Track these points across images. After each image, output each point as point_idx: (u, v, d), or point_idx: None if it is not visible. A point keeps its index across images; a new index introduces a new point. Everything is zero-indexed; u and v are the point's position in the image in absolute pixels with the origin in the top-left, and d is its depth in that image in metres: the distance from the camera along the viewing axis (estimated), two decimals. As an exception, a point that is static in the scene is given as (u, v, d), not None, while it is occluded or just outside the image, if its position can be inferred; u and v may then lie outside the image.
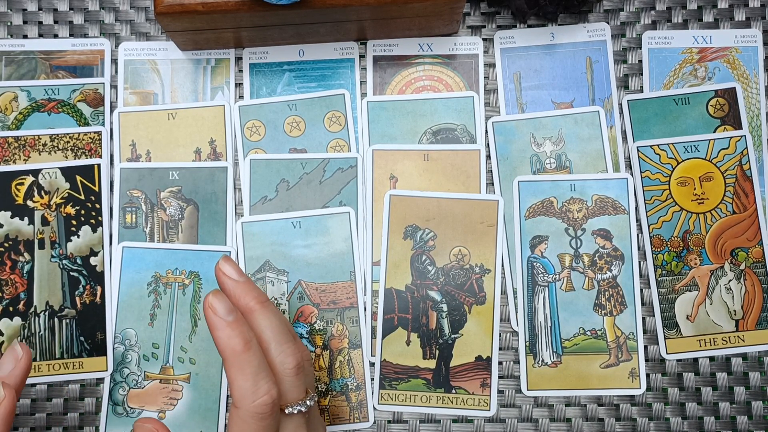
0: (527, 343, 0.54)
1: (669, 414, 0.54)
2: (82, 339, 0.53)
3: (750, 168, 0.55)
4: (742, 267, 0.54)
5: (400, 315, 0.54)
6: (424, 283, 0.54)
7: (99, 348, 0.53)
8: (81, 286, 0.54)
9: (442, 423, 0.53)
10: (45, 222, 0.54)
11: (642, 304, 0.54)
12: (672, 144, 0.55)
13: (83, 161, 0.55)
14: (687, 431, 0.53)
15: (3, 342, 0.53)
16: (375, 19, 0.53)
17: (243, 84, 0.57)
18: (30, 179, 0.55)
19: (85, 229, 0.54)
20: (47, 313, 0.53)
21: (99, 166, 0.55)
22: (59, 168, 0.55)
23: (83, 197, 0.55)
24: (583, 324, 0.54)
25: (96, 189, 0.55)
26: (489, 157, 0.56)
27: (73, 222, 0.54)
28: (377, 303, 0.54)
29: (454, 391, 0.53)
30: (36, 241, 0.54)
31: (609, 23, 0.57)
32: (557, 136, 0.56)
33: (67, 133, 0.55)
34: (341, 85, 0.57)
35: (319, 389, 0.53)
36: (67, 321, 0.53)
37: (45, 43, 0.57)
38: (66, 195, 0.55)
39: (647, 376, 0.54)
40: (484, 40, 0.57)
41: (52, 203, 0.54)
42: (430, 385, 0.53)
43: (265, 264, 0.54)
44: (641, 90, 0.57)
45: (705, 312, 0.54)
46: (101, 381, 0.54)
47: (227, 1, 0.49)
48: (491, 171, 0.56)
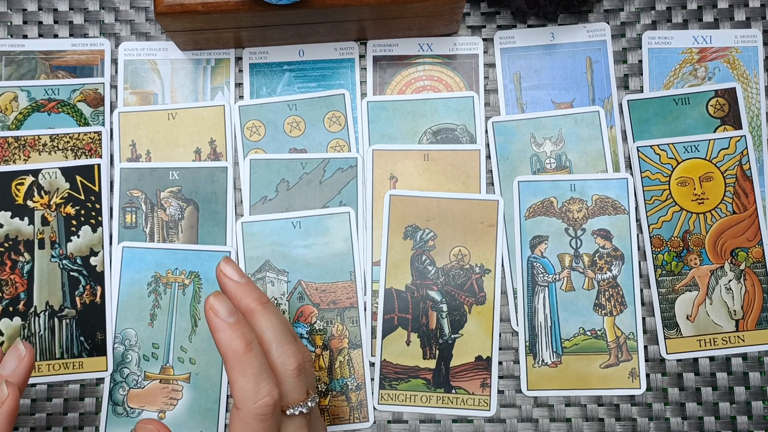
0: (527, 343, 0.54)
1: (669, 414, 0.54)
2: (82, 339, 0.53)
3: (750, 168, 0.55)
4: (742, 267, 0.54)
5: (400, 315, 0.54)
6: (424, 283, 0.54)
7: (99, 348, 0.53)
8: (81, 286, 0.54)
9: (442, 423, 0.53)
10: (45, 222, 0.54)
11: (642, 304, 0.54)
12: (672, 144, 0.55)
13: (83, 161, 0.55)
14: (687, 431, 0.54)
15: (3, 342, 0.53)
16: (375, 19, 0.53)
17: (243, 84, 0.57)
18: (30, 179, 0.55)
19: (85, 229, 0.54)
20: (47, 313, 0.53)
21: (99, 166, 0.55)
22: (59, 168, 0.55)
23: (83, 197, 0.55)
24: (583, 324, 0.54)
25: (96, 189, 0.55)
26: (489, 157, 0.56)
27: (73, 222, 0.54)
28: (377, 303, 0.54)
29: (454, 391, 0.53)
30: (36, 241, 0.54)
31: (609, 23, 0.57)
32: (557, 136, 0.56)
33: (67, 133, 0.55)
34: (341, 85, 0.57)
35: (319, 389, 0.53)
36: (67, 321, 0.53)
37: (45, 43, 0.57)
38: (66, 195, 0.55)
39: (647, 376, 0.54)
40: (484, 40, 0.57)
41: (52, 203, 0.54)
42: (430, 385, 0.53)
43: (265, 264, 0.54)
44: (641, 90, 0.57)
45: (705, 312, 0.54)
46: (101, 381, 0.54)
47: (227, 1, 0.49)
48: (491, 171, 0.56)
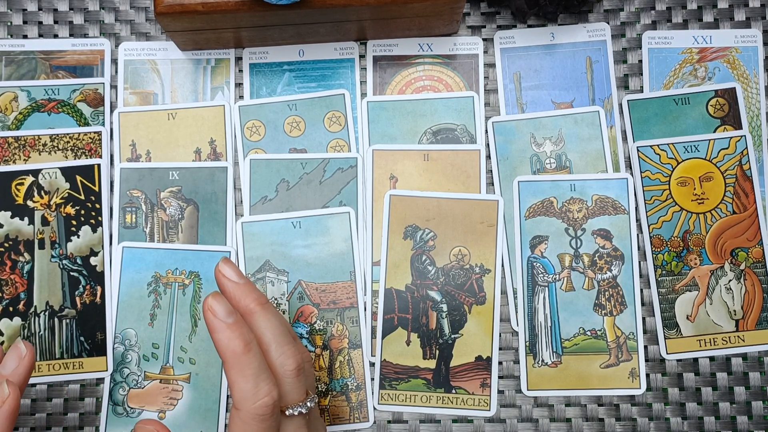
0: (527, 343, 0.54)
1: (669, 414, 0.54)
2: (82, 339, 0.53)
3: (750, 168, 0.55)
4: (742, 267, 0.54)
5: (400, 315, 0.54)
6: (424, 283, 0.54)
7: (99, 348, 0.53)
8: (81, 286, 0.54)
9: (442, 423, 0.53)
10: (45, 222, 0.54)
11: (642, 304, 0.54)
12: (672, 144, 0.55)
13: (83, 161, 0.55)
14: (687, 431, 0.53)
15: (3, 342, 0.53)
16: (375, 19, 0.53)
17: (243, 84, 0.57)
18: (30, 179, 0.55)
19: (85, 229, 0.54)
20: (47, 313, 0.53)
21: (99, 166, 0.55)
22: (59, 168, 0.55)
23: (83, 197, 0.55)
24: (583, 324, 0.54)
25: (96, 189, 0.55)
26: (489, 157, 0.56)
27: (73, 222, 0.54)
28: (377, 303, 0.54)
29: (454, 391, 0.53)
30: (36, 241, 0.54)
31: (609, 23, 0.57)
32: (557, 136, 0.56)
33: (67, 133, 0.55)
34: (341, 85, 0.57)
35: (319, 389, 0.53)
36: (67, 321, 0.53)
37: (45, 43, 0.57)
38: (66, 195, 0.55)
39: (647, 376, 0.54)
40: (484, 40, 0.57)
41: (52, 203, 0.54)
42: (430, 385, 0.53)
43: (265, 264, 0.54)
44: (641, 90, 0.57)
45: (705, 312, 0.54)
46: (101, 381, 0.54)
47: (227, 1, 0.49)
48: (491, 171, 0.56)
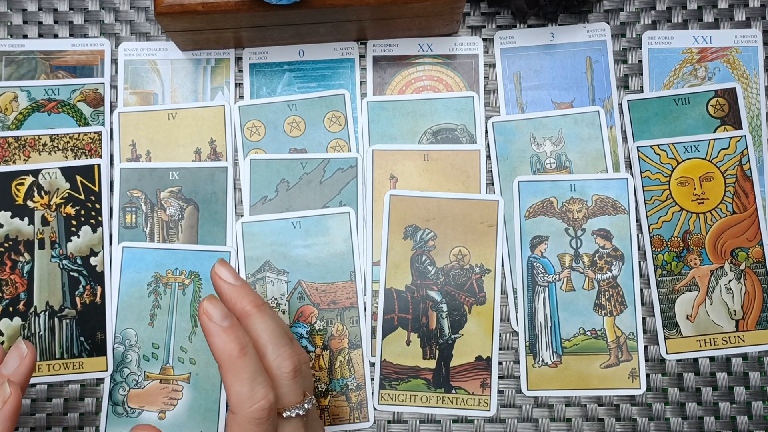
0: (527, 343, 0.54)
1: (669, 414, 0.54)
2: (82, 339, 0.53)
3: (750, 168, 0.55)
4: (742, 267, 0.54)
5: (400, 315, 0.54)
6: (424, 283, 0.54)
7: (99, 348, 0.53)
8: (81, 286, 0.54)
9: (442, 423, 0.53)
10: (45, 222, 0.54)
11: (642, 304, 0.54)
12: (672, 144, 0.55)
13: (83, 161, 0.55)
14: (687, 431, 0.53)
15: (3, 342, 0.53)
16: (375, 19, 0.53)
17: (243, 84, 0.57)
18: (30, 179, 0.55)
19: (85, 229, 0.54)
20: (47, 313, 0.53)
21: (99, 166, 0.55)
22: (59, 168, 0.55)
23: (83, 197, 0.55)
24: (583, 324, 0.54)
25: (96, 189, 0.55)
26: (489, 157, 0.56)
27: (73, 222, 0.54)
28: (377, 303, 0.54)
29: (454, 391, 0.53)
30: (36, 241, 0.54)
31: (609, 23, 0.57)
32: (557, 136, 0.56)
33: (67, 133, 0.55)
34: (341, 85, 0.57)
35: (319, 389, 0.53)
36: (67, 321, 0.53)
37: (45, 43, 0.57)
38: (66, 195, 0.55)
39: (647, 376, 0.54)
40: (484, 40, 0.57)
41: (52, 203, 0.54)
42: (430, 385, 0.53)
43: (265, 264, 0.54)
44: (641, 90, 0.57)
45: (705, 312, 0.54)
46: (101, 381, 0.54)
47: (227, 1, 0.49)
48: (491, 171, 0.56)
